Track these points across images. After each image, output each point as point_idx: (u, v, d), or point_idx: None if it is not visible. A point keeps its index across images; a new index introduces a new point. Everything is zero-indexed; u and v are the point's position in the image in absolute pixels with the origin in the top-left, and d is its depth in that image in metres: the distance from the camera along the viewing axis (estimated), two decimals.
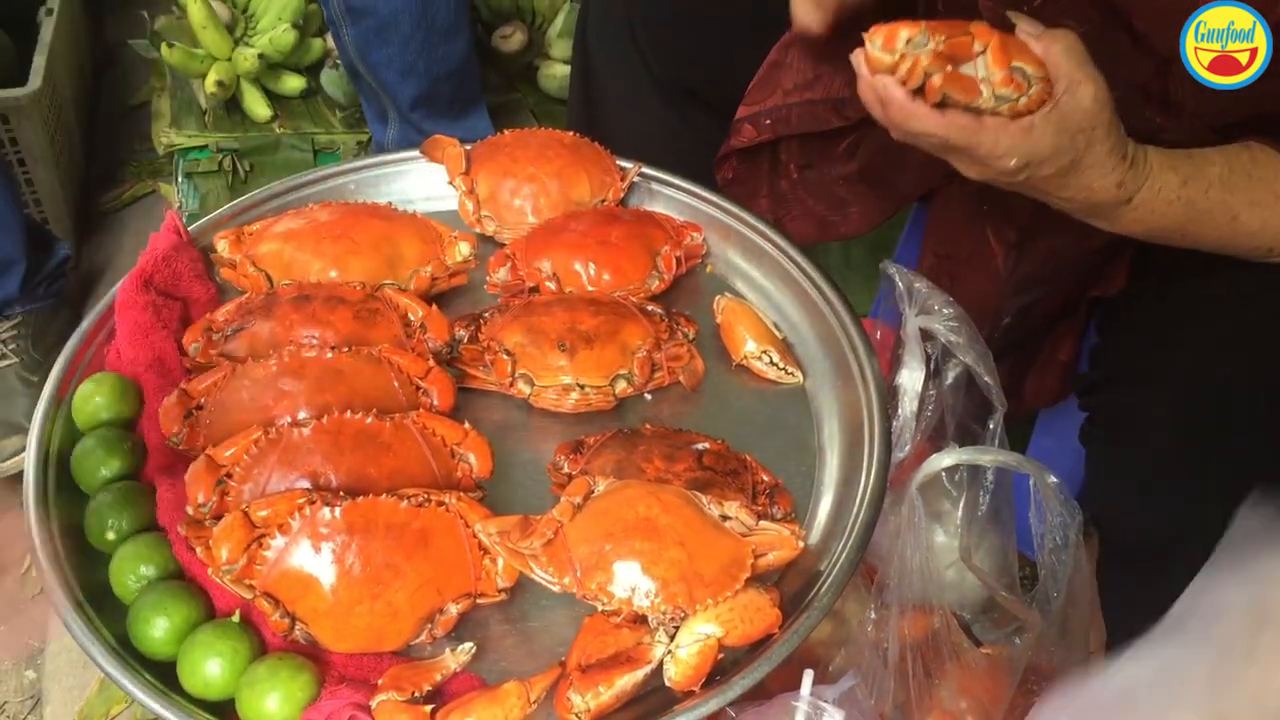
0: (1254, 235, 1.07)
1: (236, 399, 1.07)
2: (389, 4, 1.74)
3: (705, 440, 1.10)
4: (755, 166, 1.40)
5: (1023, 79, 0.98)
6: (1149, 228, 1.07)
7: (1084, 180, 1.03)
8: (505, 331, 1.18)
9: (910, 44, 0.98)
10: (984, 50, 0.98)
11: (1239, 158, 1.07)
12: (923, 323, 1.17)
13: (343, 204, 1.31)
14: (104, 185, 2.26)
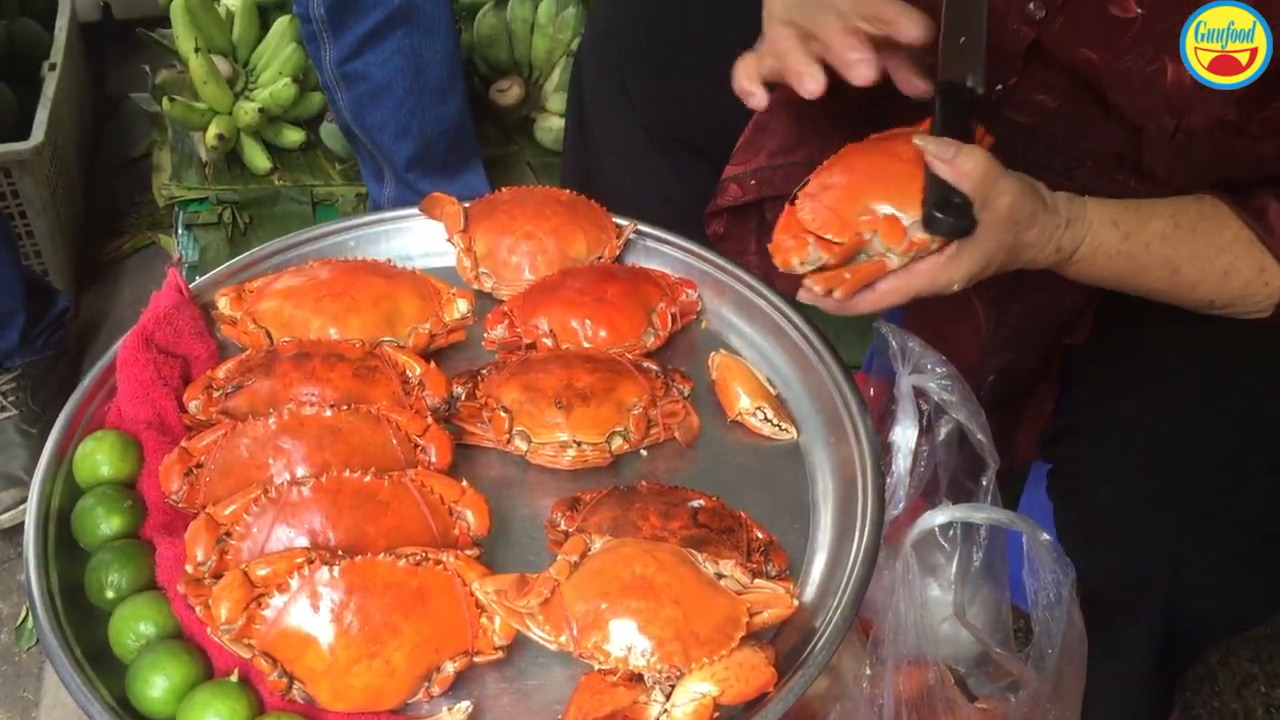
0: (1194, 287, 1.11)
1: (236, 457, 1.08)
2: (383, 69, 1.77)
3: (700, 497, 1.11)
4: (744, 223, 1.43)
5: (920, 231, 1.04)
6: (1091, 278, 1.13)
7: (1024, 258, 1.09)
8: (502, 388, 1.19)
9: (803, 265, 1.08)
10: (874, 236, 1.05)
11: (1187, 210, 1.11)
12: (916, 381, 1.18)
13: (342, 261, 1.33)
14: (104, 236, 2.28)
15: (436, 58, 1.79)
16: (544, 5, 2.32)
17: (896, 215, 1.05)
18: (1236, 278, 1.10)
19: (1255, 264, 1.09)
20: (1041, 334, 1.27)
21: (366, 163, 1.98)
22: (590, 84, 1.52)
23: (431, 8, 1.73)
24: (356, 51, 1.75)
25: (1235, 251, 1.09)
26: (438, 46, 1.78)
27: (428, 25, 1.75)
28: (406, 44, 1.75)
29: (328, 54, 1.77)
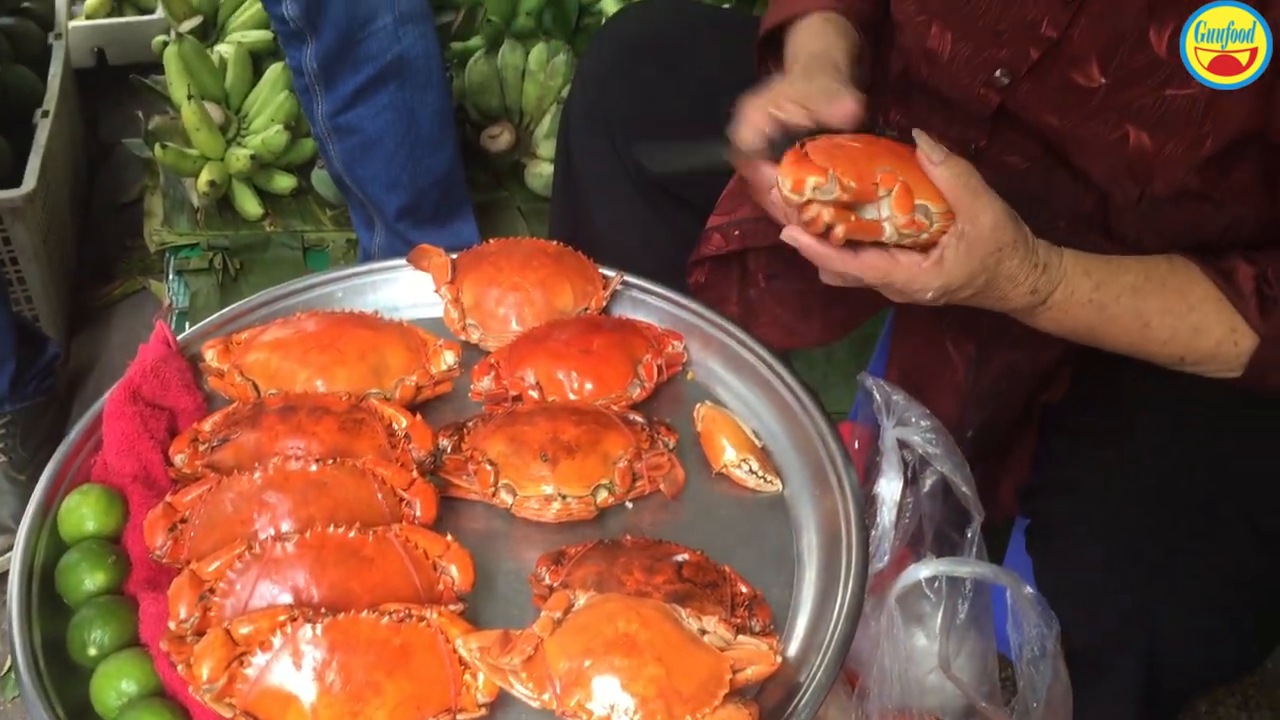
0: (1164, 344, 1.12)
1: (221, 512, 1.08)
2: (374, 122, 1.79)
3: (685, 551, 1.11)
4: (726, 273, 1.44)
5: (925, 217, 1.05)
6: (1062, 327, 1.14)
7: (999, 293, 1.10)
8: (488, 441, 1.20)
9: (816, 190, 1.03)
10: (888, 195, 1.05)
11: (1157, 267, 1.12)
12: (900, 434, 1.19)
13: (329, 313, 1.33)
14: (95, 281, 2.29)
15: (428, 111, 1.80)
16: (535, 52, 2.35)
17: (911, 190, 1.05)
18: (1207, 336, 1.11)
19: (1226, 324, 1.10)
20: (1020, 390, 1.28)
21: (357, 210, 1.99)
22: (577, 134, 1.54)
23: (423, 63, 1.75)
24: (349, 104, 1.77)
25: (1205, 310, 1.10)
26: (429, 99, 1.79)
27: (419, 79, 1.76)
28: (398, 98, 1.76)
29: (320, 106, 1.79)
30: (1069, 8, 1.13)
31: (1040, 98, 1.17)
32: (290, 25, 1.67)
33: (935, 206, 1.06)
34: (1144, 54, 1.09)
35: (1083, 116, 1.14)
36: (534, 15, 2.44)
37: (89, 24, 2.65)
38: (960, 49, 1.22)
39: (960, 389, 1.30)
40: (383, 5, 1.66)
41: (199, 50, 2.24)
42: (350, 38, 1.68)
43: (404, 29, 1.70)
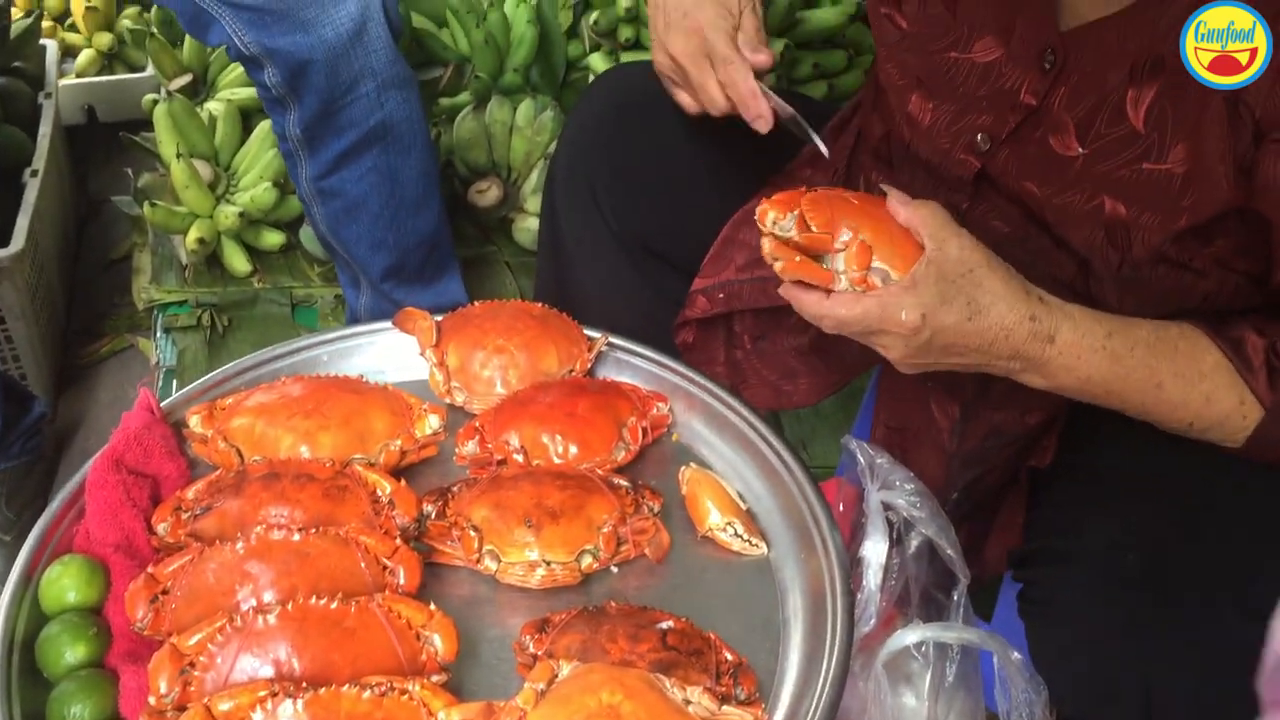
0: (1175, 408, 1.10)
1: (203, 583, 1.08)
2: (358, 185, 1.79)
3: (669, 618, 1.11)
4: (712, 335, 1.45)
5: (880, 281, 1.08)
6: (1079, 378, 1.09)
7: (993, 317, 1.07)
8: (472, 507, 1.19)
9: (775, 225, 1.09)
10: (844, 250, 1.08)
11: (1167, 330, 1.11)
12: (885, 497, 1.19)
13: (314, 377, 1.34)
14: (82, 339, 2.29)
15: (412, 173, 1.81)
16: (523, 108, 2.36)
17: (872, 249, 1.08)
18: (1218, 405, 1.09)
19: (1236, 395, 1.09)
20: (1005, 452, 1.28)
21: (343, 270, 2.00)
22: (562, 194, 1.55)
23: (406, 127, 1.77)
24: (332, 169, 1.78)
25: (1217, 380, 1.09)
26: (413, 162, 1.80)
27: (403, 143, 1.78)
28: (382, 161, 1.77)
29: (304, 170, 1.80)
30: (1046, 76, 1.14)
31: (1020, 165, 1.18)
32: (273, 92, 1.69)
33: (896, 274, 1.07)
34: (1121, 126, 1.10)
35: (1061, 185, 1.15)
36: (521, 71, 2.46)
37: (79, 82, 2.67)
38: (941, 115, 1.24)
39: (945, 449, 1.30)
40: (364, 73, 1.67)
41: (188, 108, 2.25)
42: (332, 104, 1.70)
43: (386, 95, 1.71)
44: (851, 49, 2.25)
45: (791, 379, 1.44)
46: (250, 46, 1.63)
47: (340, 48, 1.62)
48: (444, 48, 2.52)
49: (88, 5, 2.70)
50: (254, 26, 1.61)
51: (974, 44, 1.20)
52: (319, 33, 1.60)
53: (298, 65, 1.64)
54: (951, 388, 1.28)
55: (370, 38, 1.64)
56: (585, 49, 2.52)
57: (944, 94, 1.23)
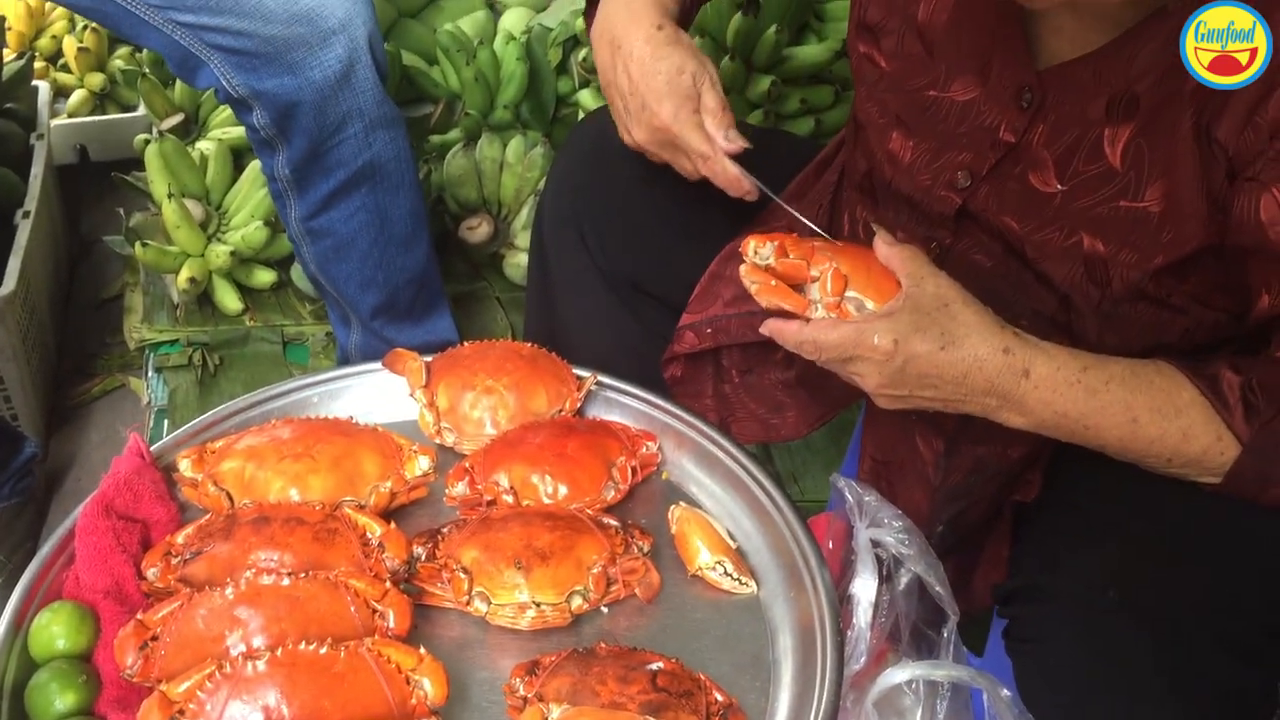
0: (1152, 443, 1.10)
1: (192, 629, 1.08)
2: (347, 225, 1.80)
3: (659, 659, 1.11)
4: (700, 370, 1.46)
5: (855, 309, 1.12)
6: (1055, 413, 1.10)
7: (966, 348, 1.08)
8: (462, 548, 1.20)
9: (756, 254, 1.14)
10: (820, 279, 1.13)
11: (1143, 367, 1.11)
12: (874, 535, 1.20)
13: (304, 420, 1.34)
14: (74, 379, 2.29)
15: (400, 211, 1.82)
16: (513, 145, 2.38)
17: (846, 277, 1.13)
18: (1195, 442, 1.09)
19: (1213, 432, 1.08)
20: (989, 486, 1.29)
21: (334, 308, 2.00)
22: (550, 232, 1.56)
23: (394, 166, 1.77)
24: (321, 208, 1.79)
25: (1193, 416, 1.08)
26: (401, 201, 1.81)
27: (391, 182, 1.78)
28: (370, 200, 1.78)
29: (293, 210, 1.81)
30: (1025, 114, 1.15)
31: (999, 201, 1.20)
32: (261, 133, 1.70)
33: (871, 304, 1.11)
34: (1099, 163, 1.11)
35: (1040, 221, 1.16)
36: (511, 108, 2.48)
37: (71, 122, 2.68)
38: (921, 152, 1.25)
39: (929, 483, 1.31)
40: (352, 113, 1.68)
41: (179, 148, 2.27)
42: (321, 145, 1.71)
43: (374, 135, 1.72)
44: (838, 85, 2.27)
45: (779, 412, 1.45)
46: (238, 89, 1.64)
47: (328, 89, 1.63)
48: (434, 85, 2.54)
49: (80, 46, 2.72)
50: (242, 69, 1.62)
51: (952, 83, 1.22)
52: (306, 75, 1.61)
53: (286, 107, 1.65)
54: (936, 421, 1.29)
55: (357, 79, 1.65)
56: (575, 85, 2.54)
57: (924, 132, 1.25)
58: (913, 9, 1.24)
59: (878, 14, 1.28)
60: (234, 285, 2.25)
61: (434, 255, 1.95)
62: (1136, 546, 1.12)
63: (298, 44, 1.59)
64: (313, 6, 1.59)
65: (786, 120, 2.27)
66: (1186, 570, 1.09)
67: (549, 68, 2.53)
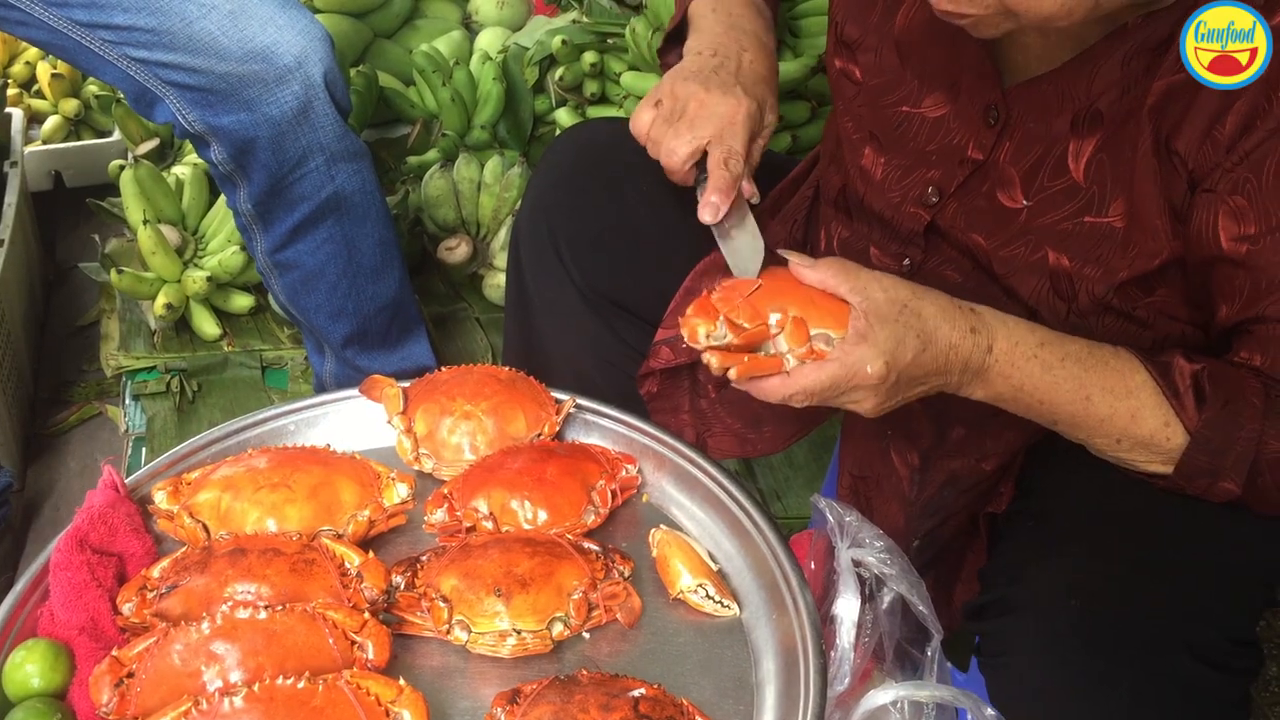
0: (1103, 421, 1.12)
1: (168, 665, 1.06)
2: (314, 256, 1.79)
3: (641, 686, 1.10)
4: (677, 385, 1.45)
5: (826, 345, 1.10)
6: (1013, 385, 1.12)
7: (941, 341, 1.10)
8: (441, 576, 1.19)
9: (709, 337, 1.12)
10: (780, 332, 1.11)
11: (1100, 348, 1.13)
12: (855, 554, 1.19)
13: (280, 449, 1.33)
14: (51, 407, 2.27)
15: (368, 241, 1.81)
16: (490, 165, 2.38)
17: (805, 319, 1.11)
18: (1144, 424, 1.11)
19: (1161, 416, 1.11)
20: (962, 500, 1.29)
21: (308, 336, 1.99)
22: (527, 249, 1.56)
23: (360, 198, 1.76)
24: (287, 242, 1.77)
25: (1143, 398, 1.11)
26: (369, 231, 1.80)
27: (357, 214, 1.77)
28: (337, 231, 1.77)
29: (259, 244, 1.80)
30: (991, 131, 1.16)
31: (967, 218, 1.21)
32: (220, 169, 1.69)
33: (837, 333, 1.10)
34: (1063, 179, 1.12)
35: (1006, 237, 1.17)
36: (488, 128, 2.48)
37: (46, 148, 2.67)
38: (892, 169, 1.26)
39: (905, 497, 1.31)
40: (312, 148, 1.67)
41: (154, 174, 2.26)
42: (282, 180, 1.69)
43: (336, 168, 1.71)
44: (814, 100, 2.28)
45: (756, 427, 1.45)
46: (195, 124, 1.63)
47: (285, 125, 1.62)
48: (411, 106, 2.54)
49: (53, 72, 2.71)
50: (197, 105, 1.62)
51: (924, 99, 1.23)
52: (263, 111, 1.60)
53: (243, 143, 1.64)
54: (911, 436, 1.29)
55: (315, 115, 1.64)
56: (552, 104, 2.54)
57: (895, 148, 1.26)
58: (888, 26, 1.25)
59: (855, 31, 1.29)
60: (211, 310, 2.24)
61: (407, 281, 1.94)
62: (1100, 556, 1.13)
63: (253, 81, 1.59)
64: (267, 44, 1.58)
65: None
66: (1150, 579, 1.10)
67: (526, 87, 2.53)
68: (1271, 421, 1.08)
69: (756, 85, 1.29)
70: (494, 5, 2.78)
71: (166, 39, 1.57)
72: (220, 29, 1.56)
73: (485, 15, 2.79)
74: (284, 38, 1.58)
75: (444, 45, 2.65)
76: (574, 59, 2.45)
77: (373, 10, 2.70)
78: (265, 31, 1.57)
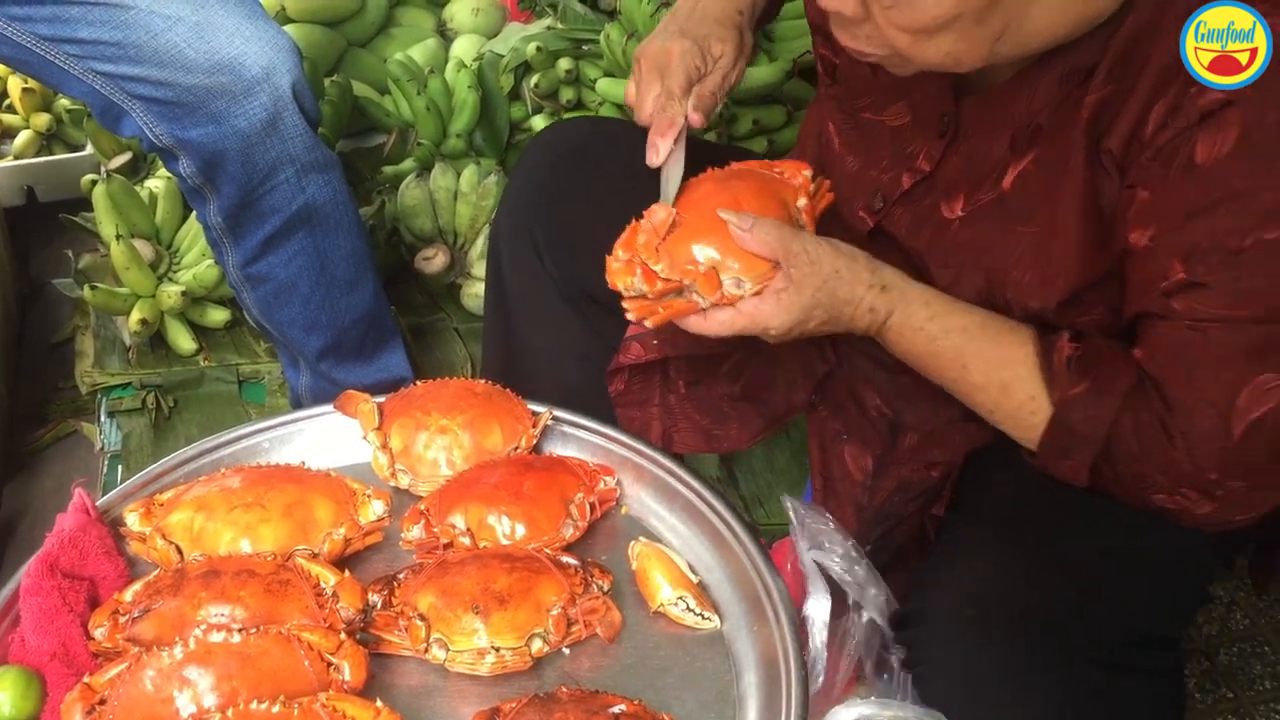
0: (977, 389, 1.17)
1: (141, 691, 1.05)
2: (286, 269, 1.77)
3: (621, 702, 1.09)
4: (648, 380, 1.45)
5: (737, 288, 1.16)
6: (898, 351, 1.20)
7: (845, 317, 1.17)
8: (418, 594, 1.18)
9: (627, 289, 1.20)
10: (693, 283, 1.17)
11: (1001, 323, 1.17)
12: (816, 557, 1.19)
13: (254, 468, 1.32)
14: (26, 425, 2.24)
15: (341, 253, 1.79)
16: (466, 173, 2.36)
17: (717, 268, 1.16)
18: (1013, 396, 1.14)
19: (1028, 390, 1.13)
20: (910, 507, 1.30)
21: (283, 350, 1.97)
22: (506, 249, 1.55)
23: (331, 209, 1.74)
24: (258, 254, 1.75)
25: (1019, 371, 1.13)
26: (341, 242, 1.78)
27: (329, 225, 1.75)
28: (309, 243, 1.75)
29: (230, 258, 1.78)
30: (941, 143, 1.19)
31: (909, 225, 1.24)
32: (189, 182, 1.67)
33: (750, 273, 1.15)
34: (995, 190, 1.15)
35: (944, 247, 1.20)
36: (464, 137, 2.46)
37: (18, 163, 2.65)
38: (849, 166, 1.30)
39: (858, 502, 1.32)
40: (282, 159, 1.65)
41: (127, 188, 2.24)
42: (252, 193, 1.67)
43: (307, 179, 1.69)
44: (790, 105, 2.27)
45: (722, 424, 1.46)
46: (162, 138, 1.61)
47: (254, 137, 1.60)
48: (386, 115, 2.53)
49: (24, 86, 2.68)
50: (165, 119, 1.59)
51: (887, 108, 1.26)
52: (231, 124, 1.58)
53: (212, 156, 1.62)
54: (866, 439, 1.30)
55: (285, 126, 1.62)
56: (528, 111, 2.53)
57: (856, 150, 1.29)
58: None
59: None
60: (187, 325, 2.22)
61: (382, 292, 1.92)
62: (1004, 563, 1.13)
63: (220, 93, 1.57)
64: (234, 56, 1.56)
65: (740, 140, 2.26)
66: (1052, 583, 1.10)
67: (501, 95, 2.52)
68: (1130, 410, 1.08)
69: (700, 25, 1.33)
70: (468, 13, 2.76)
71: (132, 52, 1.55)
72: (186, 41, 1.54)
73: (460, 23, 2.77)
74: (250, 49, 1.56)
75: (419, 53, 2.64)
76: (549, 66, 2.44)
77: (347, 19, 2.68)
78: (232, 43, 1.55)
